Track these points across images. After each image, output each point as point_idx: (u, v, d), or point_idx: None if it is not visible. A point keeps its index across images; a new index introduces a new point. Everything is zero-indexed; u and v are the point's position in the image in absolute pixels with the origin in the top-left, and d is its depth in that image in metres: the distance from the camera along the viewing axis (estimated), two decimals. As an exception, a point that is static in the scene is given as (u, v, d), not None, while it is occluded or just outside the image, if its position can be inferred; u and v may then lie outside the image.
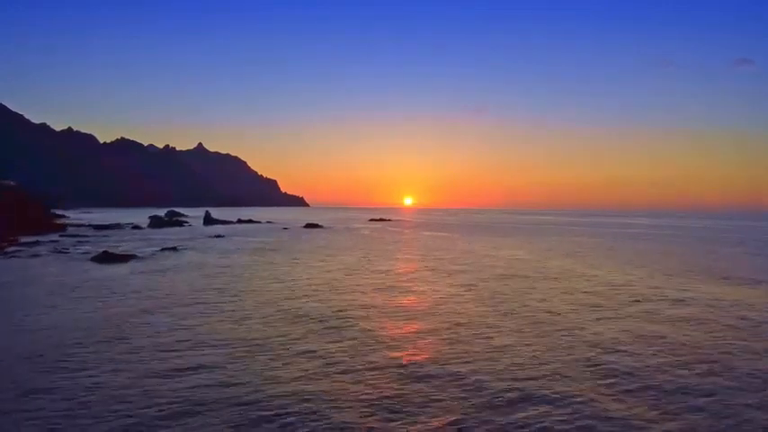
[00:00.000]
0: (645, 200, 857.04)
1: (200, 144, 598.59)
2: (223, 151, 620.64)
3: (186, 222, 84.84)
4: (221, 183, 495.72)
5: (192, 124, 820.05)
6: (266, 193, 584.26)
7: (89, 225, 73.28)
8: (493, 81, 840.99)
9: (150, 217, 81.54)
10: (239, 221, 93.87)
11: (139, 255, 33.34)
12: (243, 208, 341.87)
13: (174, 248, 37.96)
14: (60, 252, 35.06)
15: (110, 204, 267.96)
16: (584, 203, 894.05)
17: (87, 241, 44.93)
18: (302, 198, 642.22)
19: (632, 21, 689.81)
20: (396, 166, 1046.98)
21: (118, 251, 34.55)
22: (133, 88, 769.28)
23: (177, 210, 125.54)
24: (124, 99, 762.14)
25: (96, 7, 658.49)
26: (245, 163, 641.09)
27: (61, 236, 50.84)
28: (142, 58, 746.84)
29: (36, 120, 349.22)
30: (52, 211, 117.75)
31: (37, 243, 40.65)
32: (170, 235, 55.86)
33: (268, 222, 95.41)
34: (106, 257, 30.67)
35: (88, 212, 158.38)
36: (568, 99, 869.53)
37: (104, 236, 53.23)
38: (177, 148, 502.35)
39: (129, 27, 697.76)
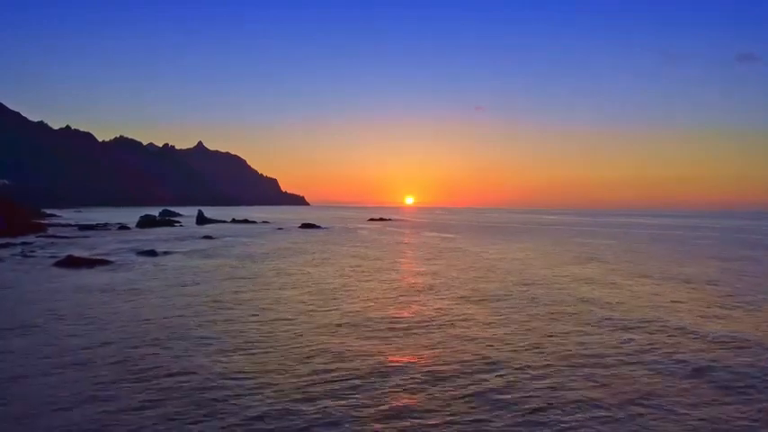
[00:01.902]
0: (647, 199, 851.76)
1: (199, 143, 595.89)
2: (223, 150, 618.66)
3: (178, 222, 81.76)
4: (221, 182, 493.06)
5: (191, 123, 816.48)
6: (267, 192, 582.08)
7: (75, 225, 70.37)
8: (492, 81, 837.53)
9: (141, 216, 78.52)
10: (233, 221, 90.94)
11: (110, 259, 30.30)
12: (243, 207, 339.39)
13: (152, 251, 34.88)
14: (26, 255, 32.05)
15: (108, 203, 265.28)
16: (584, 203, 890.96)
17: (62, 243, 41.87)
18: (303, 197, 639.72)
19: (633, 19, 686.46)
20: (397, 165, 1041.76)
21: (90, 255, 31.74)
22: (132, 86, 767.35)
23: (175, 209, 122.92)
24: (123, 97, 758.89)
25: (96, 6, 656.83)
26: (245, 162, 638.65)
27: (38, 237, 47.86)
28: (141, 56, 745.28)
29: (34, 118, 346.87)
30: (44, 210, 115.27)
31: (6, 245, 37.66)
32: (156, 236, 52.77)
33: (264, 222, 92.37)
34: (70, 262, 27.76)
35: (82, 212, 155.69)
36: (568, 98, 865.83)
37: (84, 237, 50.15)
38: (177, 147, 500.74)
39: (128, 25, 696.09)
